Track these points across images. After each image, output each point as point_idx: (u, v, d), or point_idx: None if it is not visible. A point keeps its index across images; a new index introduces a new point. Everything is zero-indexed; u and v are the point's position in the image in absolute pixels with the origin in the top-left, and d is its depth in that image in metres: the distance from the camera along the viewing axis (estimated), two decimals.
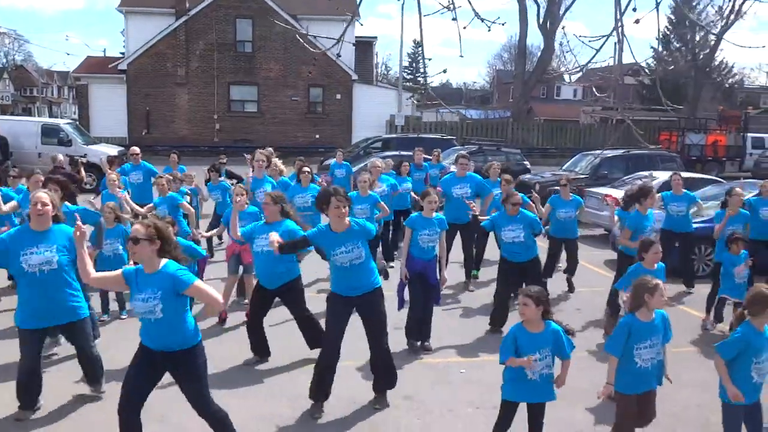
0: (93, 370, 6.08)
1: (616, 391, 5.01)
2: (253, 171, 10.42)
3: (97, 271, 5.98)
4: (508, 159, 19.87)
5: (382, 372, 6.21)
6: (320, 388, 6.03)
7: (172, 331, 4.65)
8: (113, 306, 8.51)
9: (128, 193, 10.65)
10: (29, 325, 5.61)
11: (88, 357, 6.00)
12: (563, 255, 10.56)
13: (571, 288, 10.34)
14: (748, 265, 8.10)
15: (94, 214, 7.95)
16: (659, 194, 10.13)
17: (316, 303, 7.67)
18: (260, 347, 7.16)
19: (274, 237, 5.99)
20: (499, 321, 8.31)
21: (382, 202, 10.02)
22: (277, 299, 7.20)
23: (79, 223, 4.96)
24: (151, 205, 9.84)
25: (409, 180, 12.26)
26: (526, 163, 22.20)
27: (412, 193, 11.53)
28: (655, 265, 6.56)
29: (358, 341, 6.34)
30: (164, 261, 4.63)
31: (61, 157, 14.07)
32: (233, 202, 7.94)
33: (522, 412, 5.05)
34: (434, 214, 7.69)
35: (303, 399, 6.14)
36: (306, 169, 10.75)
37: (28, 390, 5.75)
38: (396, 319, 7.49)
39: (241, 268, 8.50)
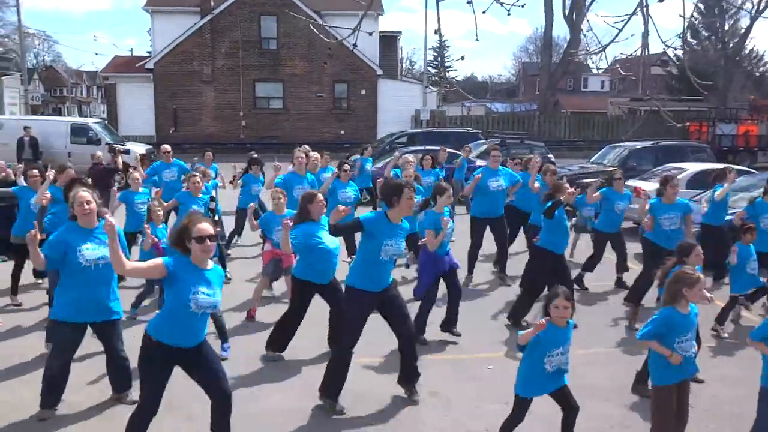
0: (122, 375, 6.05)
1: (654, 385, 5.01)
2: (293, 167, 10.48)
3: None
4: (531, 152, 19.67)
5: (410, 361, 6.21)
6: (340, 385, 6.04)
7: (205, 322, 4.85)
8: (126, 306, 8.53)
9: (159, 192, 10.65)
10: (76, 319, 5.68)
11: (118, 360, 5.98)
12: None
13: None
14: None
15: None
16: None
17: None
18: (283, 343, 7.16)
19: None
20: (522, 315, 8.26)
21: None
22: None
23: (108, 216, 5.02)
24: (174, 200, 9.81)
25: (433, 174, 12.20)
26: (551, 156, 21.95)
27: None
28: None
29: (378, 337, 6.32)
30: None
31: (99, 153, 14.23)
32: (275, 206, 8.07)
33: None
34: (444, 209, 7.69)
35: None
36: (346, 166, 10.96)
37: (57, 387, 5.79)
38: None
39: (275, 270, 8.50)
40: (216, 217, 9.90)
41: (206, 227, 4.62)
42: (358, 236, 6.12)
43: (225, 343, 7.19)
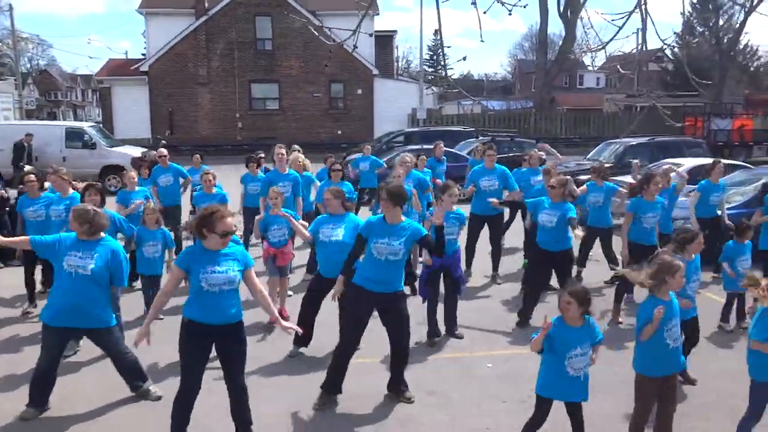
0: (131, 370, 6.15)
1: (638, 374, 4.99)
2: (275, 165, 10.46)
3: (138, 271, 7.84)
4: (522, 149, 19.63)
5: (397, 375, 6.25)
6: (337, 380, 6.09)
7: (237, 300, 5.10)
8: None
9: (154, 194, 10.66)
10: (56, 324, 5.78)
11: (121, 361, 6.10)
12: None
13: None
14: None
15: (127, 225, 8.00)
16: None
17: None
18: (305, 338, 7.16)
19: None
20: (527, 314, 8.26)
21: (415, 197, 10.02)
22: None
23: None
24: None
25: (428, 174, 12.15)
26: (542, 154, 21.85)
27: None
28: (694, 256, 6.42)
29: (378, 338, 6.32)
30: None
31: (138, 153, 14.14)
32: (273, 207, 7.95)
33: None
34: (455, 208, 7.64)
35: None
36: (337, 166, 10.86)
37: (42, 389, 5.88)
38: (419, 315, 7.48)
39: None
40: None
41: (230, 223, 4.99)
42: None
43: None
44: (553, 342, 4.74)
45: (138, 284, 8.92)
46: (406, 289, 6.36)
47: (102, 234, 5.90)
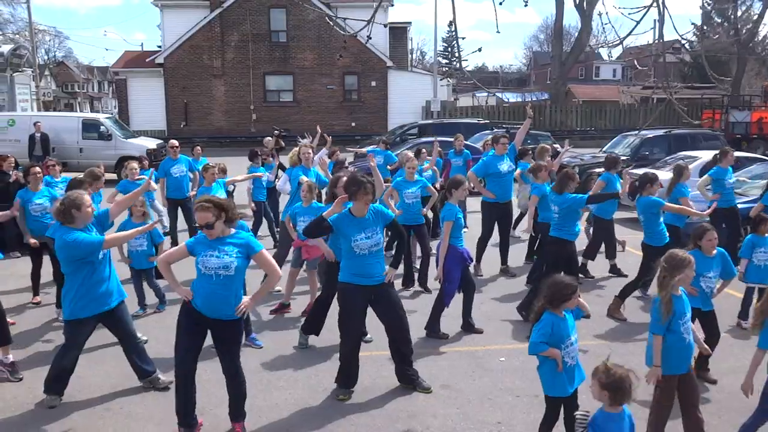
0: (139, 361, 6.21)
1: (663, 375, 4.90)
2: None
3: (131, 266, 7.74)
4: (537, 142, 19.51)
5: (403, 367, 6.26)
6: (351, 375, 6.13)
7: (231, 293, 5.14)
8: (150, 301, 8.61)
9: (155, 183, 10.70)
10: (86, 313, 5.85)
11: (133, 348, 6.18)
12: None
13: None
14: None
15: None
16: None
17: None
18: (314, 327, 7.21)
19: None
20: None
21: (431, 185, 9.98)
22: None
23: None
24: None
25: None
26: (557, 146, 21.64)
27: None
28: (714, 251, 6.34)
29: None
30: (233, 229, 5.23)
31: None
32: (304, 201, 8.18)
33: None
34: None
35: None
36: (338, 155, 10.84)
37: (65, 378, 5.97)
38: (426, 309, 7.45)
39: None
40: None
41: (200, 217, 5.07)
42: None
43: (249, 335, 7.27)
44: (552, 337, 4.71)
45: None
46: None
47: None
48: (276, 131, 15.82)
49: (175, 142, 12.54)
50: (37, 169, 8.93)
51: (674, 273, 4.87)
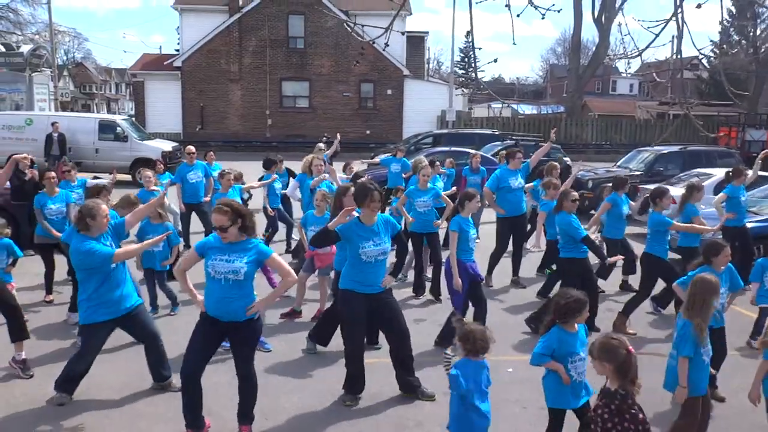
0: (156, 364, 6.26)
1: (689, 395, 4.92)
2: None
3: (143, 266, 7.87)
4: (548, 155, 19.43)
5: (405, 377, 6.28)
6: (357, 383, 6.16)
7: (241, 295, 5.16)
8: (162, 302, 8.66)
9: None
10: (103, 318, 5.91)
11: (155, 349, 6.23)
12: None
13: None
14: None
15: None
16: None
17: None
18: (325, 337, 7.24)
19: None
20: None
21: (444, 194, 9.99)
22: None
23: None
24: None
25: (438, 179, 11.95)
26: (567, 159, 21.46)
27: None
28: (722, 268, 6.32)
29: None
30: (246, 236, 5.25)
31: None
32: (317, 209, 8.38)
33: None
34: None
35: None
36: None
37: (78, 378, 6.02)
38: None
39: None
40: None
41: (215, 219, 5.13)
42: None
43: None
44: (556, 351, 4.72)
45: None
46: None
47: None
48: (325, 137, 15.94)
49: (192, 149, 12.52)
50: (52, 173, 9.00)
51: (711, 297, 4.88)
